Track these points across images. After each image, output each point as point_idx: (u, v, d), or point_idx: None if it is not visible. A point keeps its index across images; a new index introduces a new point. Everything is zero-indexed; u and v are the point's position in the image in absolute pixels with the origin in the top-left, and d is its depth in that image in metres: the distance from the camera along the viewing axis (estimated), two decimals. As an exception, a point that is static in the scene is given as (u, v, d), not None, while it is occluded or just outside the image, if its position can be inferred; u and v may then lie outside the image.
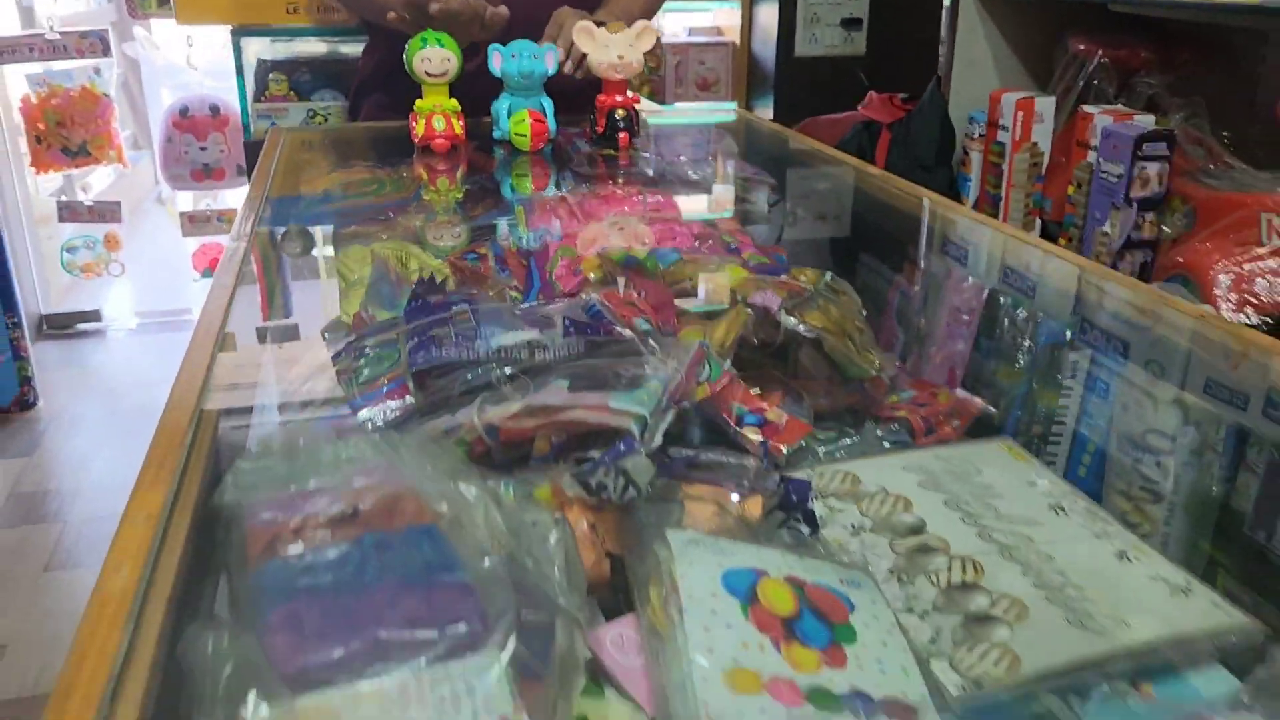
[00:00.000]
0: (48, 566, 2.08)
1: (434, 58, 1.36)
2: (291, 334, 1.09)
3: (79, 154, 3.19)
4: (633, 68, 1.40)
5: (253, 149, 2.09)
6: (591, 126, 1.47)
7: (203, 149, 3.22)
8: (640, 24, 1.37)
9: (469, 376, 0.71)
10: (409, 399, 0.70)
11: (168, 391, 0.60)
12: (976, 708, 0.57)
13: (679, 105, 3.22)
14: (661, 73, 3.28)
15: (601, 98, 1.44)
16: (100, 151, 3.20)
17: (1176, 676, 0.60)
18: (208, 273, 3.37)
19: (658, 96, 3.28)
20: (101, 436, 2.64)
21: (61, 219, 3.21)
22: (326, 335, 0.89)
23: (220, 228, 3.27)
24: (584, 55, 1.38)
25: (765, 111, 3.12)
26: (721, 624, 0.57)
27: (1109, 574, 0.67)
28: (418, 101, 1.40)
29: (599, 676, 0.57)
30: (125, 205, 3.26)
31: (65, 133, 3.14)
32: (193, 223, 3.26)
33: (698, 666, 0.53)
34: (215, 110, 3.20)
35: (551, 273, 1.02)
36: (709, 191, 1.32)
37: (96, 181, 3.63)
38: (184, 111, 3.19)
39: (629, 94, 1.44)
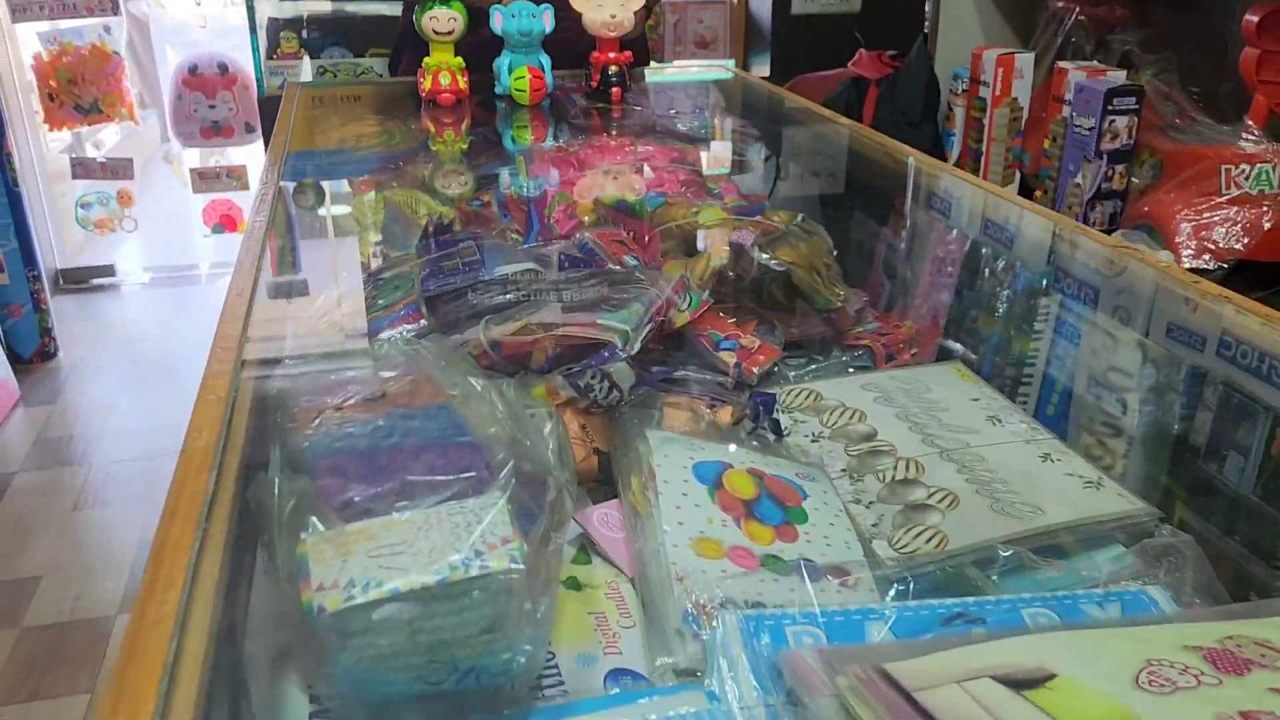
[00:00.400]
0: (76, 506, 2.19)
1: (441, 17, 1.46)
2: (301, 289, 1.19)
3: (91, 111, 3.26)
4: (624, 26, 1.49)
5: (266, 105, 2.17)
6: (586, 81, 1.56)
7: (211, 107, 3.30)
8: None
9: (474, 301, 0.80)
10: (422, 322, 0.80)
11: (182, 343, 0.68)
12: (908, 575, 0.67)
13: (676, 63, 3.28)
14: (660, 31, 3.34)
15: (595, 54, 1.53)
16: (112, 109, 3.27)
17: (1082, 553, 0.70)
18: (218, 228, 3.45)
19: (656, 54, 3.34)
20: (120, 385, 2.75)
21: (75, 175, 3.29)
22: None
23: (230, 184, 3.36)
24: None
25: (762, 69, 3.18)
26: (691, 504, 0.67)
27: (1032, 471, 0.77)
28: (425, 59, 1.49)
29: (587, 547, 0.67)
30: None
31: (77, 90, 3.21)
32: (203, 179, 3.34)
33: (669, 535, 0.64)
34: (224, 69, 3.27)
35: (550, 217, 1.11)
36: (697, 143, 1.40)
37: (103, 140, 3.70)
38: (193, 70, 3.26)
39: (621, 51, 1.53)
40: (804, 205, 1.56)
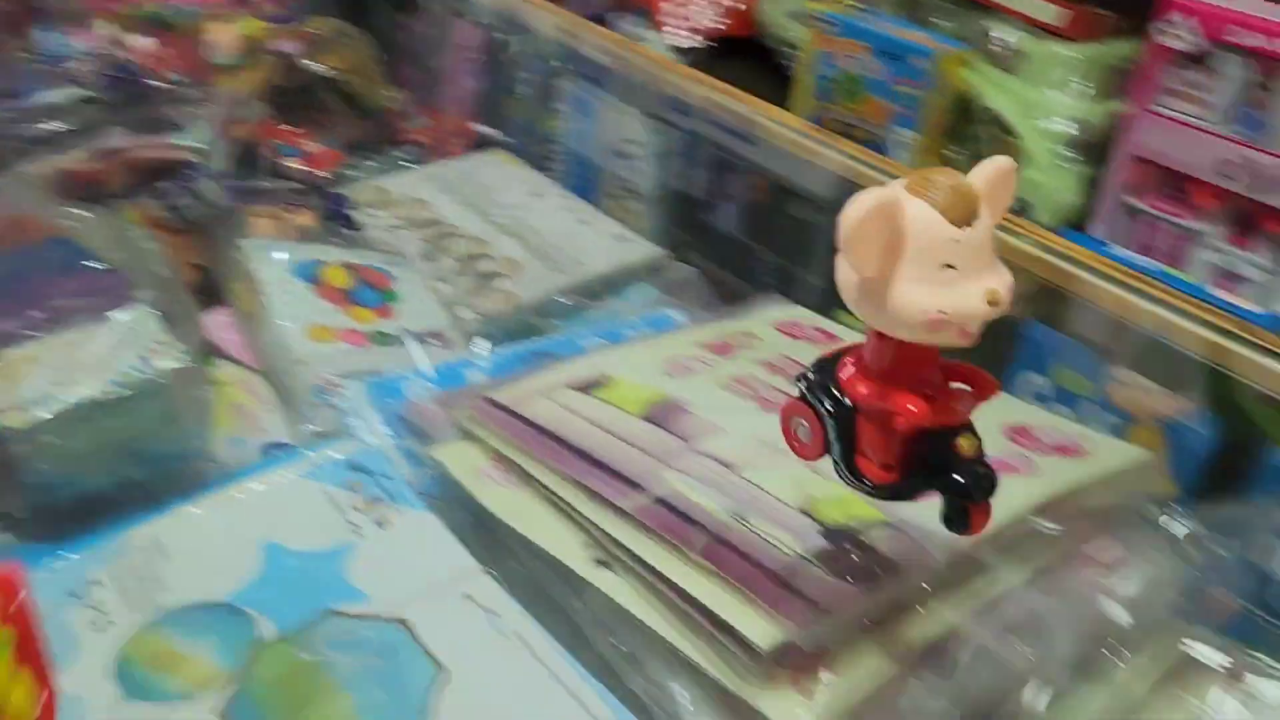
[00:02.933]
0: None
1: None
2: None
3: None
4: None
5: None
6: None
7: None
8: None
9: (18, 133, 0.78)
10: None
11: None
12: (490, 328, 0.81)
13: None
14: None
15: None
16: None
17: (619, 292, 0.89)
18: None
19: None
20: None
21: None
22: None
23: None
24: None
25: None
26: (296, 299, 0.75)
27: (573, 233, 0.94)
28: None
29: (210, 354, 0.73)
30: None
31: None
32: None
33: (284, 328, 0.72)
34: None
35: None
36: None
37: None
38: None
39: None
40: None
